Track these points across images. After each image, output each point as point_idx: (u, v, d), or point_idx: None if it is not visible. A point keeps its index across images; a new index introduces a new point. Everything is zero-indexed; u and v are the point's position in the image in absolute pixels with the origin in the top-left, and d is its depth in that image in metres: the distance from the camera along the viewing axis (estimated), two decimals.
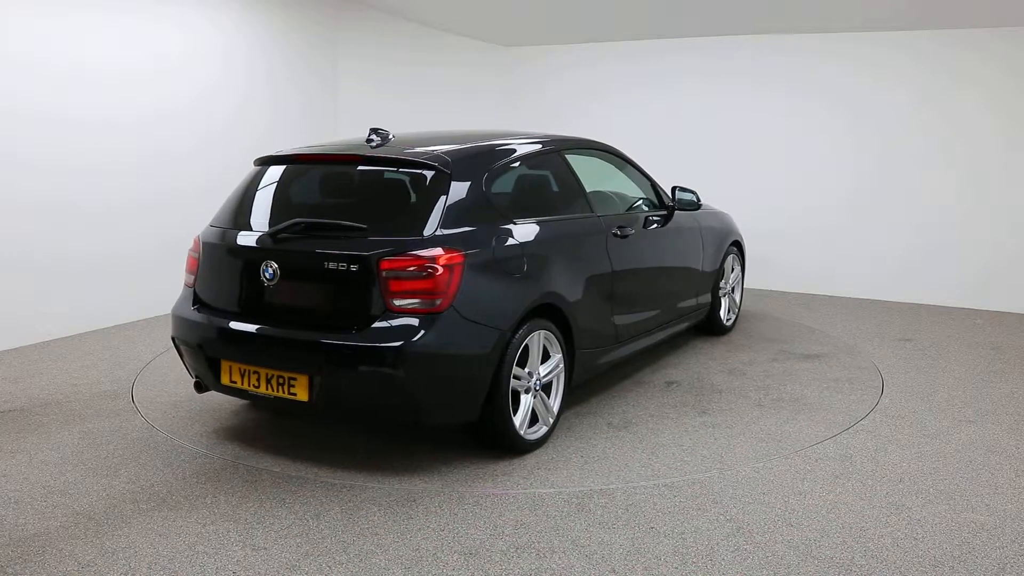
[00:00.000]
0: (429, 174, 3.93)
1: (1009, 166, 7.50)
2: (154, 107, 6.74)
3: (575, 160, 4.98)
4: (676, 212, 5.70)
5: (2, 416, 4.65)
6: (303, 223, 3.88)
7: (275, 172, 4.33)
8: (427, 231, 3.71)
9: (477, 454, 4.14)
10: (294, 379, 3.75)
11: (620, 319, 4.89)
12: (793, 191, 8.37)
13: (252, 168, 4.46)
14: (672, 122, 8.97)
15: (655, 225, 5.44)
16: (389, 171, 4.09)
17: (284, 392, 3.78)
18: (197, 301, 4.19)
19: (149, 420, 4.60)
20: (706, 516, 3.48)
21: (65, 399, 4.93)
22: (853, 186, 8.17)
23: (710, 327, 6.45)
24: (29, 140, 5.90)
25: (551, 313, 4.22)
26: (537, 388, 4.12)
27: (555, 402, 4.29)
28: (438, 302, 3.62)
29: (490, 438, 4.02)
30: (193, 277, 4.26)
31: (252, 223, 4.14)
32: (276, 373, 3.80)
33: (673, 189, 5.79)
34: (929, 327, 6.83)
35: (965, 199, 7.71)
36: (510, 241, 4.03)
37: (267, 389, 3.84)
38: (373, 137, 4.34)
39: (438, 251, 3.65)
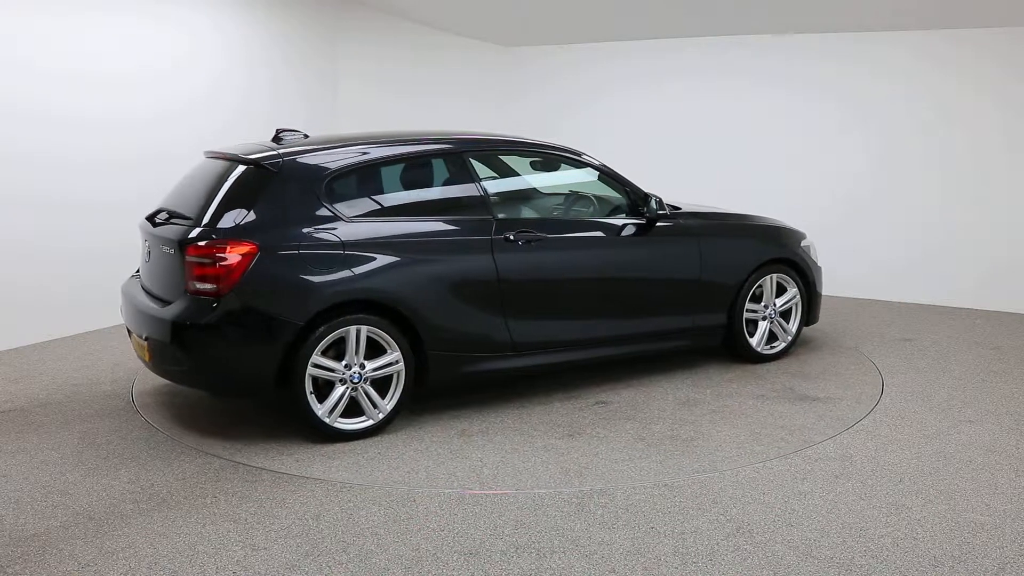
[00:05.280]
0: (255, 172, 4.35)
1: (1010, 166, 7.49)
2: (154, 107, 6.73)
3: (494, 163, 5.11)
4: (662, 222, 5.24)
5: (2, 416, 4.65)
6: (166, 212, 4.54)
7: (195, 165, 4.86)
8: (231, 223, 4.16)
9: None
10: (144, 344, 4.38)
11: (520, 329, 4.73)
12: (793, 191, 8.36)
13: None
14: (672, 122, 8.96)
15: (622, 233, 5.15)
16: (239, 168, 4.43)
17: (143, 355, 4.47)
18: (137, 275, 4.95)
19: (149, 420, 4.61)
20: (706, 516, 3.48)
21: (65, 399, 4.93)
22: (853, 186, 8.16)
23: (738, 352, 5.64)
24: (29, 139, 5.90)
25: (385, 311, 4.32)
26: (356, 381, 4.25)
27: (390, 399, 4.37)
28: (219, 287, 4.06)
29: (299, 420, 4.32)
30: None
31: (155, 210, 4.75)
32: (138, 339, 4.48)
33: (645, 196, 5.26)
34: (929, 327, 6.83)
35: (965, 199, 7.70)
36: (328, 238, 4.26)
37: (138, 351, 4.56)
38: (282, 136, 4.75)
39: (229, 242, 4.08)
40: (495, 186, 5.07)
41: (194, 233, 4.17)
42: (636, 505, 3.58)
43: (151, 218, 4.63)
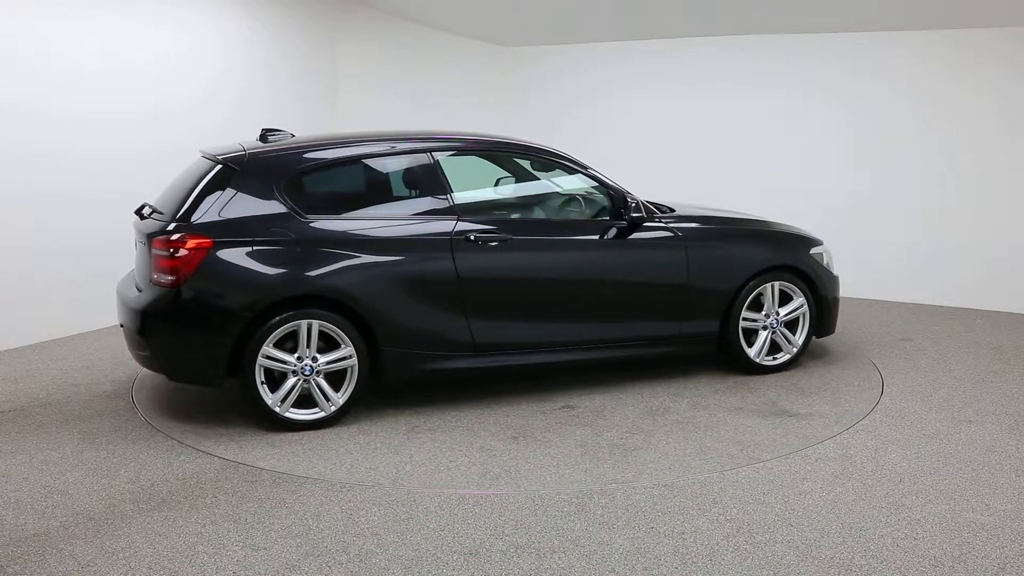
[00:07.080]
0: (219, 170, 4.55)
1: (1010, 166, 7.50)
2: (154, 107, 6.74)
3: (459, 162, 5.10)
4: (647, 223, 5.08)
5: (2, 416, 4.66)
6: (149, 207, 4.75)
7: (189, 164, 4.96)
8: (192, 218, 4.36)
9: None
10: (122, 331, 4.72)
11: (483, 329, 4.72)
12: (793, 191, 8.36)
13: None
14: (672, 122, 8.96)
15: (597, 235, 5.02)
16: (214, 166, 4.61)
17: (127, 343, 4.72)
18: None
19: (149, 420, 4.61)
20: (706, 516, 3.48)
21: (65, 399, 4.93)
22: (853, 186, 8.16)
23: (736, 362, 5.37)
24: (28, 139, 5.90)
25: (338, 307, 4.42)
26: (307, 373, 4.39)
27: (343, 393, 4.49)
28: (176, 278, 4.28)
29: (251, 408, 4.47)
30: None
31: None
32: (121, 327, 4.77)
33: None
34: (929, 327, 6.83)
35: (966, 199, 7.70)
36: (283, 234, 4.41)
37: (125, 341, 4.78)
38: (268, 137, 4.88)
39: (187, 235, 4.28)
40: (463, 186, 4.99)
41: (159, 227, 4.41)
42: (636, 505, 3.58)
43: (138, 212, 4.85)
